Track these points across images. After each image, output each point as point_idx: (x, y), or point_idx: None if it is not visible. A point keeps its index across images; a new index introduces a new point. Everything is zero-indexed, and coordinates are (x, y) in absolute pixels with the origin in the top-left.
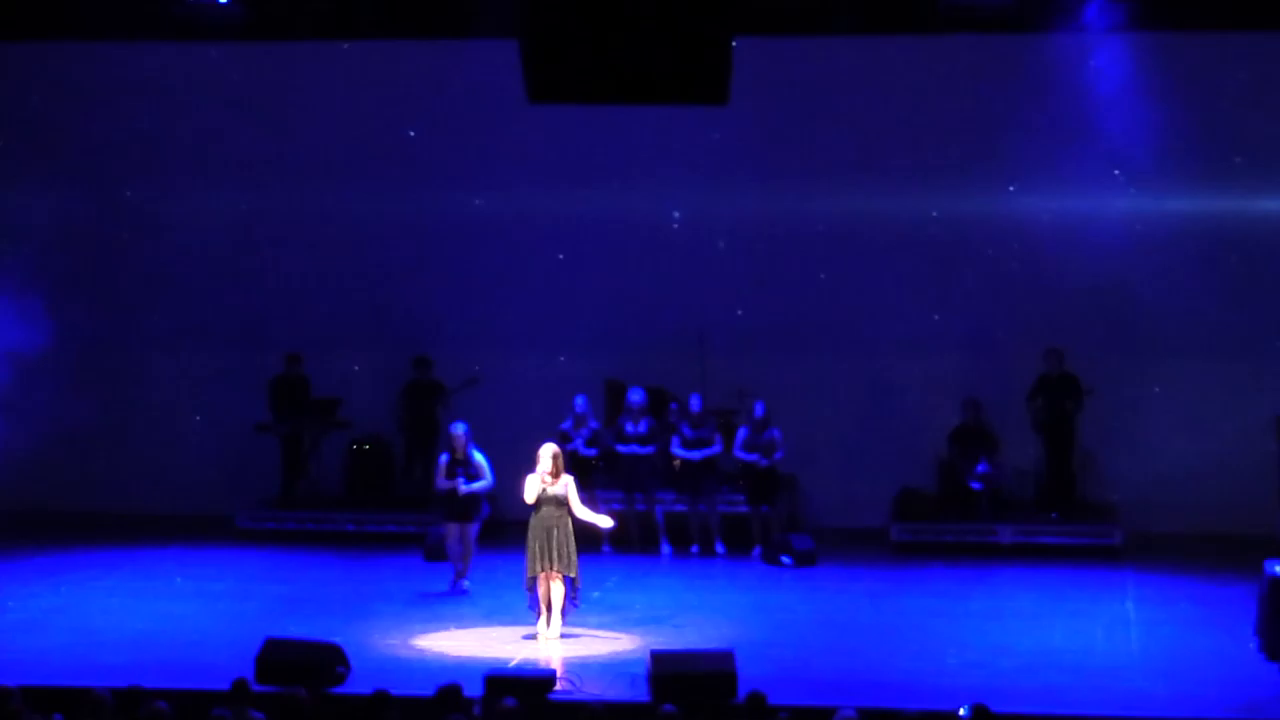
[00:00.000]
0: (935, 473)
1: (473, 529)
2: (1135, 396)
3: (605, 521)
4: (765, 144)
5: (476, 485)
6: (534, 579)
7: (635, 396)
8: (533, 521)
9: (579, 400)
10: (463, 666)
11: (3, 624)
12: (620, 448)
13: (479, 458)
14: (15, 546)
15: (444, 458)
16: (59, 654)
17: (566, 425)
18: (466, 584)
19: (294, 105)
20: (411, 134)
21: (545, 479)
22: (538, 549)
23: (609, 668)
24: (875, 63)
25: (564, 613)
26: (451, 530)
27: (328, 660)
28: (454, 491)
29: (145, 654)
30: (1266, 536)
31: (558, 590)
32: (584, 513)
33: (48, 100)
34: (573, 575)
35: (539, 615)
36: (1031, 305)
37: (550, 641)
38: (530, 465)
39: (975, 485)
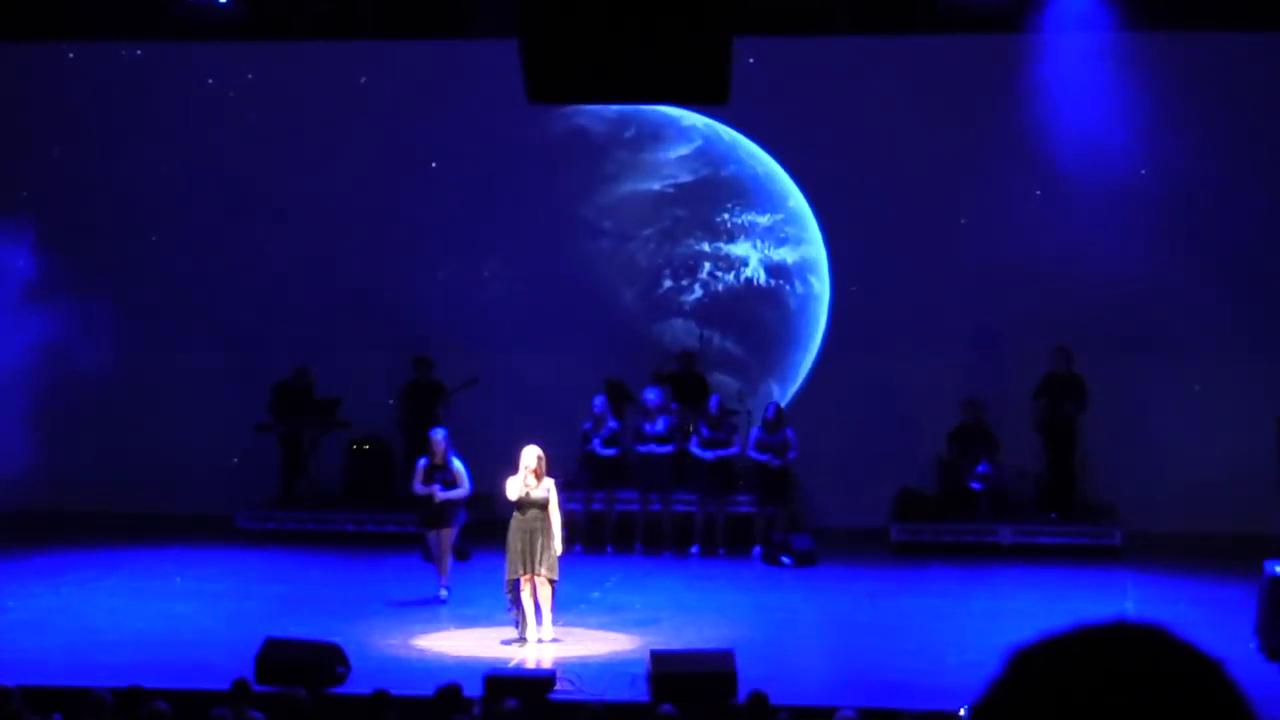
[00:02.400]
0: (935, 473)
1: (450, 536)
2: (1136, 396)
3: (556, 546)
4: (767, 144)
5: (453, 493)
6: (514, 582)
7: (651, 396)
8: (514, 523)
9: (598, 401)
10: (463, 666)
11: (3, 624)
12: (639, 447)
13: (458, 465)
14: (15, 546)
15: (422, 462)
16: (59, 654)
17: (587, 426)
18: (444, 592)
19: (296, 105)
20: (434, 164)
21: (528, 481)
22: (519, 550)
23: (609, 668)
24: (877, 61)
25: (553, 610)
26: (429, 537)
27: (328, 660)
28: (431, 498)
29: (145, 654)
30: (1266, 536)
31: (544, 593)
32: (556, 521)
33: (45, 101)
34: (554, 579)
35: (518, 620)
36: (1032, 305)
37: (544, 644)
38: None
39: (975, 485)
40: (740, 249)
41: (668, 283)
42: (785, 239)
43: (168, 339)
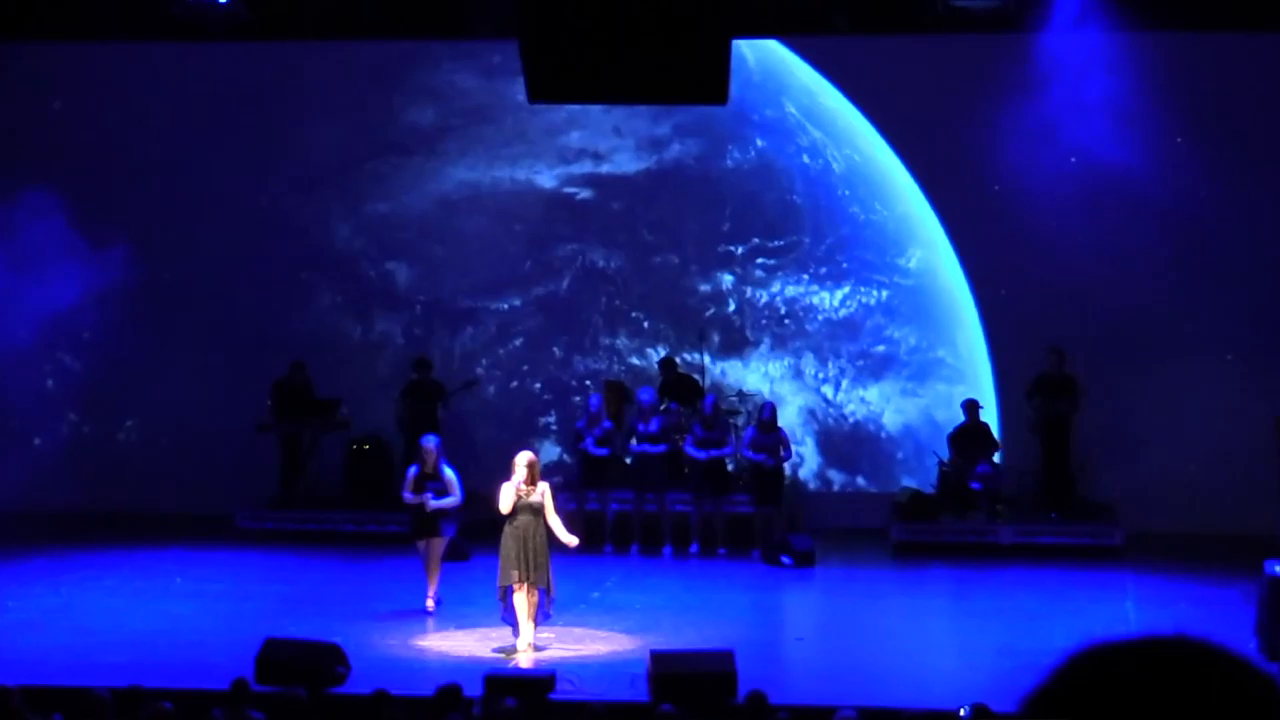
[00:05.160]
0: (935, 473)
1: (441, 546)
2: (1135, 396)
3: (571, 540)
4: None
5: (445, 501)
6: (507, 589)
7: (645, 396)
8: (507, 530)
9: (593, 400)
10: (463, 666)
11: (3, 624)
12: (633, 446)
13: (449, 473)
14: (15, 546)
15: (413, 470)
16: (59, 654)
17: (581, 424)
18: (430, 603)
19: (295, 105)
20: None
21: (521, 487)
22: (512, 558)
23: (609, 668)
24: (870, 60)
25: (537, 623)
26: (419, 547)
27: (328, 660)
28: (422, 507)
29: (145, 654)
30: (1266, 536)
31: (531, 600)
32: (555, 524)
33: (45, 100)
34: (545, 586)
35: (514, 628)
36: (1031, 304)
37: (525, 653)
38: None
39: (975, 485)
40: (757, 373)
41: (669, 282)
42: (885, 361)
43: (168, 339)
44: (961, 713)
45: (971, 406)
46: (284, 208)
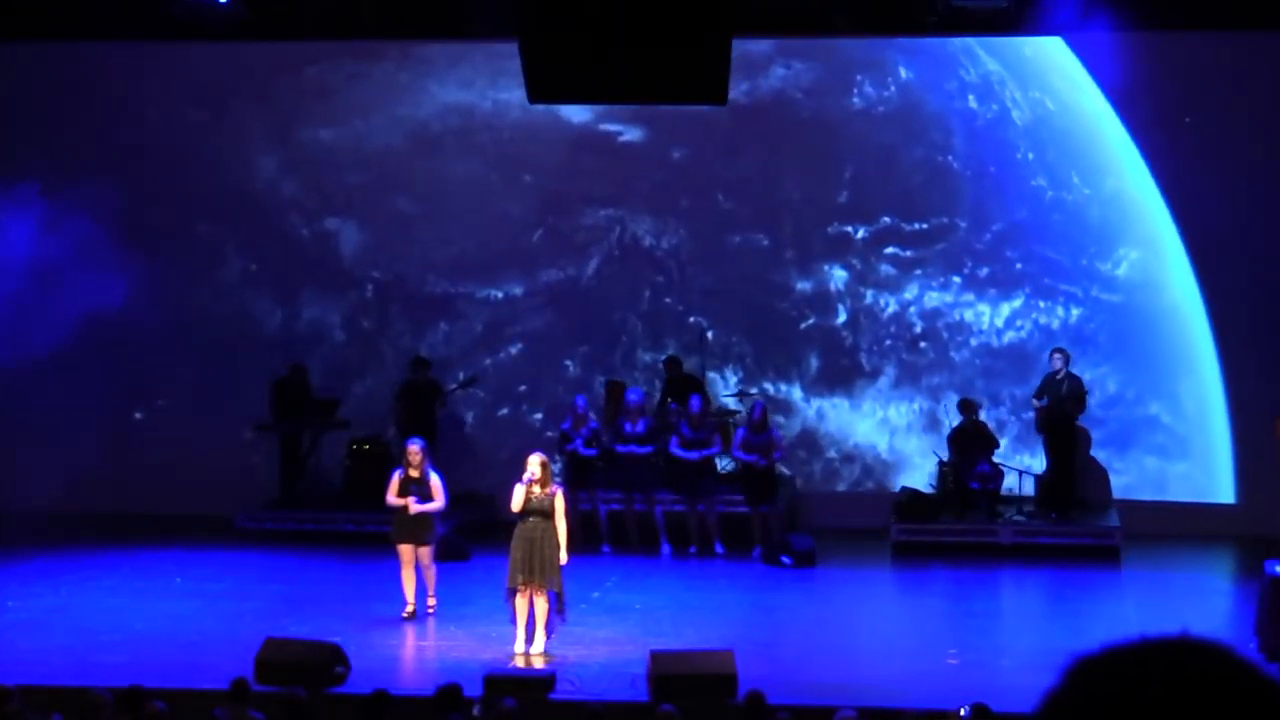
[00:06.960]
0: (935, 473)
1: (429, 551)
2: (1137, 396)
3: (562, 556)
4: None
5: (429, 506)
6: (513, 590)
7: (633, 396)
8: (517, 531)
9: (579, 400)
10: (463, 666)
11: (3, 624)
12: (619, 448)
13: (435, 479)
14: (15, 546)
15: (398, 473)
16: (59, 654)
17: (566, 425)
18: (432, 601)
19: (291, 104)
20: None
21: (532, 489)
22: (520, 560)
23: (609, 668)
24: (865, 63)
25: (549, 628)
26: (403, 553)
27: (328, 660)
28: (405, 510)
29: (145, 654)
30: (1266, 536)
31: (540, 605)
32: (562, 530)
33: (44, 100)
34: (557, 590)
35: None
36: (1030, 304)
37: (534, 657)
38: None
39: (975, 485)
40: (871, 419)
41: (668, 284)
42: None
43: (167, 338)
44: (961, 713)
45: (967, 406)
46: (185, 129)
